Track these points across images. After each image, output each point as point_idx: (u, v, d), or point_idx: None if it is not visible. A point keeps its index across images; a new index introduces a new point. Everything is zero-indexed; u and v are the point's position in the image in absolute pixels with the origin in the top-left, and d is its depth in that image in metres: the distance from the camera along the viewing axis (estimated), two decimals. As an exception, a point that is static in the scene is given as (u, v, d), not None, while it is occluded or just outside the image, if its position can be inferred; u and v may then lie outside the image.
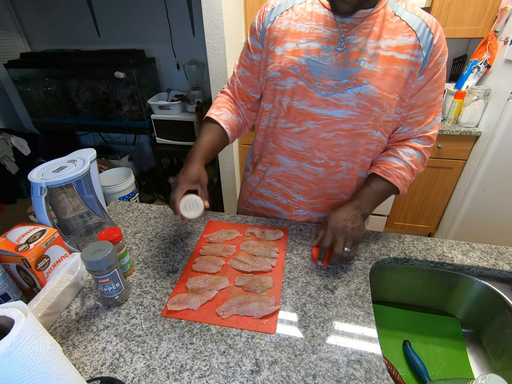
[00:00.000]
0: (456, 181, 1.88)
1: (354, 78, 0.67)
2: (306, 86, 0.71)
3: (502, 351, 0.66)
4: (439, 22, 1.71)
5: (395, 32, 0.66)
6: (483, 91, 1.64)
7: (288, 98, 0.74)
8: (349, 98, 0.69)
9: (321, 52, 0.69)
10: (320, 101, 0.71)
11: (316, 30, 0.69)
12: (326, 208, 0.87)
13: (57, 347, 0.40)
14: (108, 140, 2.96)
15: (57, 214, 0.77)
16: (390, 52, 0.66)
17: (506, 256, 0.73)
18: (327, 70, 0.69)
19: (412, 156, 0.75)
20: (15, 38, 2.59)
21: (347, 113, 0.71)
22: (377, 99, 0.68)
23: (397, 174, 0.75)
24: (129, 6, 2.28)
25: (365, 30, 0.67)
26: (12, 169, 2.66)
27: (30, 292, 0.65)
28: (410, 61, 0.66)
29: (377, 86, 0.67)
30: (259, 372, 0.51)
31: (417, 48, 0.66)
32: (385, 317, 0.77)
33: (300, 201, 0.86)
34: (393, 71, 0.67)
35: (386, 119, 0.72)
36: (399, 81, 0.68)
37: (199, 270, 0.70)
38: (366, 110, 0.70)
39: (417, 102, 0.72)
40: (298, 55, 0.70)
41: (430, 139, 0.76)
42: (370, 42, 0.67)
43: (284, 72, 0.72)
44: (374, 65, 0.66)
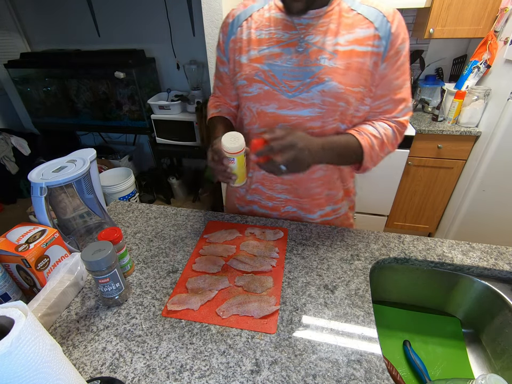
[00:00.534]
0: (456, 181, 1.88)
1: (317, 76, 0.68)
2: (272, 90, 0.72)
3: (502, 351, 0.66)
4: (439, 22, 1.73)
5: (352, 26, 0.67)
6: (483, 91, 1.64)
7: (256, 104, 0.75)
8: (314, 96, 0.69)
9: (283, 55, 0.70)
10: (287, 102, 0.72)
11: (275, 34, 0.71)
12: (314, 209, 0.87)
13: (57, 347, 0.40)
14: (108, 140, 2.96)
15: (57, 214, 0.78)
16: (349, 46, 0.67)
17: (506, 256, 0.73)
18: (290, 71, 0.70)
19: (386, 130, 0.74)
20: (15, 38, 2.59)
21: (314, 111, 0.71)
22: (341, 94, 0.68)
23: (369, 138, 0.72)
24: (129, 6, 2.28)
25: (322, 28, 0.68)
26: (11, 169, 2.67)
27: (30, 292, 0.65)
28: (372, 52, 0.67)
29: (339, 81, 0.68)
30: (259, 372, 0.51)
31: (377, 39, 0.67)
32: (385, 317, 0.77)
33: (285, 200, 0.86)
34: (355, 64, 0.67)
35: (356, 113, 0.73)
36: (362, 74, 0.68)
37: (199, 270, 0.70)
38: (332, 106, 0.70)
39: (382, 92, 0.72)
40: (261, 61, 0.71)
41: (401, 123, 0.75)
42: (328, 39, 0.68)
43: (249, 79, 0.73)
44: (334, 61, 0.67)
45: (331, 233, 0.81)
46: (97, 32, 2.43)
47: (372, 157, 0.74)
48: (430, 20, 1.68)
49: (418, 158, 1.83)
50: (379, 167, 2.05)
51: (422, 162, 1.85)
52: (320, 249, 0.76)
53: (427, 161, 1.83)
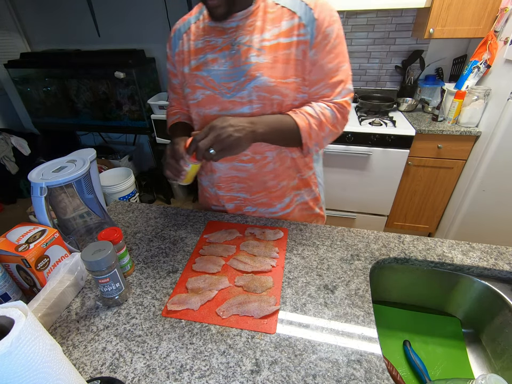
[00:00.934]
0: (456, 181, 1.88)
1: (249, 74, 0.71)
2: (213, 94, 0.75)
3: (502, 351, 0.66)
4: (439, 22, 1.73)
5: (277, 20, 0.70)
6: (483, 91, 1.64)
7: (201, 108, 0.78)
8: (249, 93, 0.72)
9: (218, 59, 0.73)
10: (227, 103, 0.74)
11: (210, 42, 0.74)
12: (273, 202, 0.89)
13: (57, 347, 0.40)
14: (108, 140, 2.96)
15: (57, 214, 0.78)
16: (275, 40, 0.70)
17: (506, 256, 0.73)
18: (227, 74, 0.73)
19: (323, 109, 0.74)
20: (15, 38, 2.59)
21: (252, 107, 0.73)
22: (273, 87, 0.70)
23: (305, 117, 0.72)
24: (129, 6, 2.28)
25: (250, 28, 0.71)
26: (11, 169, 2.67)
27: (30, 292, 0.65)
28: (297, 41, 0.69)
29: (269, 75, 0.70)
30: (259, 372, 0.51)
31: (302, 27, 0.69)
32: (385, 317, 0.77)
33: (244, 199, 0.89)
34: (282, 56, 0.70)
35: (295, 103, 0.75)
36: (292, 64, 0.70)
37: (199, 270, 0.70)
38: (267, 100, 0.72)
39: (317, 77, 0.73)
40: (200, 69, 0.75)
41: (340, 104, 0.75)
42: (255, 37, 0.70)
43: (191, 87, 0.77)
44: (263, 57, 0.70)
45: (331, 233, 0.81)
46: (97, 32, 2.43)
47: (311, 135, 0.74)
48: (430, 20, 1.68)
49: (418, 158, 1.83)
50: (379, 167, 2.04)
51: (422, 162, 1.85)
52: (320, 249, 0.76)
53: (427, 161, 1.83)
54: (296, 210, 0.93)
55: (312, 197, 0.95)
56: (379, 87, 2.24)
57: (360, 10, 1.98)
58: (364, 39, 2.11)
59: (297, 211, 0.93)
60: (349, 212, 2.12)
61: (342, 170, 1.95)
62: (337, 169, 1.95)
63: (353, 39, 2.12)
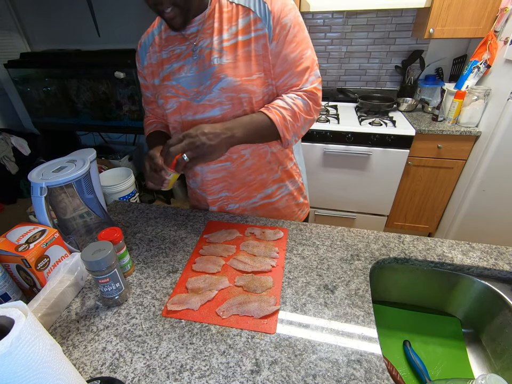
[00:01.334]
0: (456, 181, 1.88)
1: (214, 76, 0.72)
2: (186, 100, 0.76)
3: (502, 351, 0.66)
4: (439, 22, 1.73)
5: (233, 18, 0.70)
6: (483, 91, 1.64)
7: (178, 115, 0.79)
8: (217, 96, 0.73)
9: (184, 66, 0.74)
10: (198, 107, 0.76)
11: (175, 51, 0.75)
12: (252, 194, 0.90)
13: (57, 347, 0.40)
14: (108, 140, 2.96)
15: (57, 214, 0.78)
16: (234, 39, 0.70)
17: (506, 256, 0.73)
18: (194, 79, 0.74)
19: (295, 99, 0.74)
20: (15, 38, 2.59)
21: (222, 109, 0.74)
22: (239, 86, 0.71)
23: (278, 111, 0.72)
24: (129, 6, 2.28)
25: (209, 30, 0.72)
26: (12, 169, 2.66)
27: (30, 292, 0.65)
28: (256, 36, 0.70)
29: (233, 75, 0.71)
30: (259, 372, 0.51)
31: (258, 22, 0.69)
32: (385, 317, 0.77)
33: (226, 197, 0.90)
34: (243, 54, 0.70)
35: (259, 98, 0.75)
36: (254, 61, 0.71)
37: (199, 270, 0.70)
38: (235, 100, 0.73)
39: (282, 69, 0.73)
40: (169, 79, 0.76)
41: (310, 91, 0.74)
42: (215, 39, 0.71)
43: (164, 97, 0.78)
44: (225, 58, 0.71)
45: (331, 233, 0.81)
46: (97, 32, 2.43)
47: (287, 127, 0.74)
48: (430, 20, 1.68)
49: (418, 158, 1.83)
50: (379, 167, 2.04)
51: (422, 162, 1.85)
52: (320, 249, 0.76)
53: (427, 161, 1.83)
54: (283, 201, 0.95)
55: (296, 187, 0.97)
56: (379, 87, 2.24)
57: (360, 10, 1.98)
58: (364, 39, 2.11)
59: (284, 202, 0.95)
60: (349, 212, 2.12)
61: (342, 170, 1.95)
62: (337, 169, 1.95)
63: (353, 39, 2.12)
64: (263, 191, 0.91)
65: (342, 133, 1.82)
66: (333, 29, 2.12)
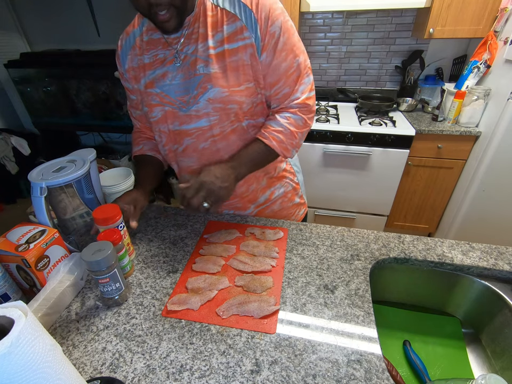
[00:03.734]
0: (456, 181, 1.88)
1: (200, 86, 0.69)
2: (171, 109, 0.73)
3: (502, 351, 0.66)
4: (439, 22, 1.73)
5: (219, 24, 0.66)
6: (483, 91, 1.64)
7: (164, 125, 0.77)
8: (204, 106, 0.70)
9: (168, 73, 0.71)
10: (184, 117, 0.73)
11: (158, 56, 0.71)
12: (247, 205, 0.90)
13: (57, 347, 0.40)
14: (108, 139, 2.96)
15: (57, 214, 0.78)
16: (220, 48, 0.66)
17: (506, 256, 0.73)
18: (180, 87, 0.71)
19: (289, 118, 0.74)
20: (15, 38, 2.59)
21: (209, 120, 0.72)
22: (227, 97, 0.69)
23: (274, 136, 0.73)
24: (129, 6, 2.27)
25: (194, 36, 0.68)
26: (12, 169, 2.66)
27: (30, 292, 0.65)
28: (244, 45, 0.66)
29: (221, 85, 0.68)
30: (259, 372, 0.51)
31: (245, 30, 0.65)
32: (385, 317, 0.77)
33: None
34: (231, 64, 0.67)
35: (247, 108, 0.73)
36: (242, 70, 0.68)
37: (199, 270, 0.70)
38: (223, 111, 0.71)
39: (274, 79, 0.71)
40: (152, 86, 0.72)
41: (302, 104, 0.74)
42: (200, 46, 0.67)
43: (148, 105, 0.75)
44: (211, 67, 0.67)
45: (331, 233, 0.81)
46: (97, 32, 2.43)
47: (286, 148, 0.76)
48: (430, 20, 1.68)
49: (418, 158, 1.83)
50: (379, 167, 2.04)
51: (422, 162, 1.85)
52: (320, 249, 0.76)
53: (427, 161, 1.83)
54: (277, 204, 0.94)
55: (291, 188, 0.96)
56: (379, 87, 2.24)
57: (360, 10, 1.98)
58: (364, 39, 2.11)
59: (278, 205, 0.94)
60: (349, 212, 2.12)
61: (342, 170, 1.95)
62: (337, 169, 1.95)
63: (353, 39, 2.12)
64: (257, 201, 0.90)
65: (342, 133, 1.82)
66: (333, 29, 2.12)
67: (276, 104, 0.76)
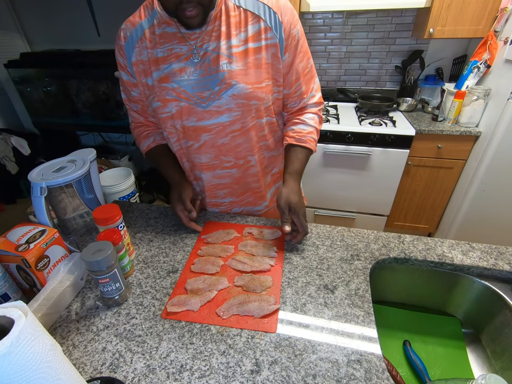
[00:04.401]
0: (456, 181, 1.88)
1: (223, 82, 0.70)
2: (188, 105, 0.73)
3: (502, 351, 0.66)
4: (439, 22, 1.73)
5: (242, 24, 0.69)
6: (483, 91, 1.64)
7: (178, 120, 0.76)
8: (227, 102, 0.72)
9: (186, 68, 0.70)
10: (204, 113, 0.74)
11: (173, 50, 0.70)
12: (257, 201, 0.92)
13: (57, 347, 0.40)
14: (108, 139, 2.96)
15: (57, 214, 0.78)
16: (244, 46, 0.69)
17: (506, 256, 0.73)
18: (198, 83, 0.71)
19: (314, 119, 0.82)
20: (15, 38, 2.59)
21: (231, 115, 0.74)
22: (250, 94, 0.71)
23: (310, 138, 0.81)
24: (129, 6, 2.27)
25: (215, 33, 0.69)
26: (12, 169, 2.66)
27: (30, 292, 0.65)
28: (266, 45, 0.70)
29: (245, 82, 0.70)
30: (259, 372, 0.51)
31: (269, 31, 0.69)
32: (385, 317, 0.77)
33: (230, 202, 0.91)
34: (253, 61, 0.70)
35: (267, 104, 0.77)
36: (264, 68, 0.71)
37: (198, 271, 0.70)
38: (246, 107, 0.73)
39: (294, 77, 0.76)
40: (168, 80, 0.71)
41: (319, 103, 0.83)
42: (223, 44, 0.69)
43: (162, 100, 0.73)
44: (235, 64, 0.69)
45: (331, 233, 0.81)
46: (97, 32, 2.43)
47: (316, 145, 0.84)
48: (430, 20, 1.68)
49: (418, 158, 1.83)
50: (379, 167, 2.04)
51: (422, 162, 1.85)
52: (320, 249, 0.76)
53: (427, 161, 1.83)
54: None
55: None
56: (379, 87, 2.24)
57: (360, 10, 1.98)
58: (364, 39, 2.11)
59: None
60: (349, 212, 2.12)
61: (342, 170, 1.95)
62: (337, 169, 1.95)
63: (353, 39, 2.12)
64: (267, 198, 0.92)
65: (342, 133, 1.82)
66: (333, 29, 2.12)
67: (293, 103, 0.82)
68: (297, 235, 0.75)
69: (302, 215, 0.73)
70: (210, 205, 0.92)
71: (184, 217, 0.81)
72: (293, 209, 0.73)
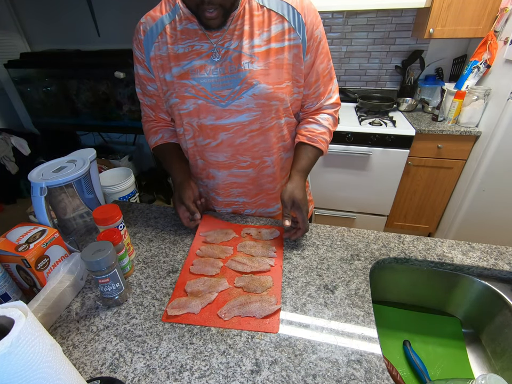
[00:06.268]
0: (456, 181, 1.88)
1: (245, 82, 0.70)
2: (206, 103, 0.72)
3: (502, 351, 0.66)
4: (439, 22, 1.73)
5: (265, 23, 0.68)
6: (483, 91, 1.64)
7: (195, 118, 0.75)
8: (247, 101, 0.72)
9: (207, 66, 0.70)
10: (223, 112, 0.73)
11: (194, 47, 0.70)
12: (270, 203, 0.92)
13: (57, 347, 0.40)
14: (108, 139, 2.95)
15: (57, 214, 0.78)
16: (266, 46, 0.69)
17: (506, 256, 0.73)
18: (218, 81, 0.70)
19: (328, 120, 0.82)
20: (15, 38, 2.59)
21: (251, 115, 0.74)
22: (271, 94, 0.71)
23: (321, 138, 0.81)
24: (129, 6, 2.27)
25: (237, 32, 0.68)
26: (12, 169, 2.66)
27: (30, 292, 0.65)
28: (289, 46, 0.70)
29: (266, 82, 0.70)
30: (259, 372, 0.51)
31: (292, 31, 0.69)
32: (385, 317, 0.77)
33: (243, 203, 0.90)
34: (276, 62, 0.70)
35: (286, 105, 0.77)
36: (285, 69, 0.71)
37: (198, 272, 0.70)
38: (266, 107, 0.73)
39: (314, 78, 0.77)
40: (187, 77, 0.71)
41: (336, 104, 0.83)
42: (245, 43, 0.68)
43: (180, 97, 0.73)
44: (257, 64, 0.69)
45: (331, 233, 0.81)
46: (97, 32, 2.43)
47: (328, 146, 0.84)
48: (430, 20, 1.68)
49: (418, 158, 1.83)
50: (379, 167, 2.04)
51: (422, 162, 1.85)
52: (320, 249, 0.76)
53: (427, 161, 1.83)
54: None
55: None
56: (379, 87, 2.24)
57: (360, 10, 1.98)
58: (364, 39, 2.11)
59: None
60: (349, 212, 2.12)
61: (342, 170, 1.95)
62: (337, 169, 1.95)
63: (353, 39, 2.12)
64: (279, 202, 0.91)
65: (342, 133, 1.82)
66: (333, 29, 2.12)
67: (310, 103, 0.81)
68: (297, 231, 0.75)
69: (304, 211, 0.73)
70: (223, 204, 0.91)
71: (185, 218, 0.81)
72: (297, 205, 0.73)
